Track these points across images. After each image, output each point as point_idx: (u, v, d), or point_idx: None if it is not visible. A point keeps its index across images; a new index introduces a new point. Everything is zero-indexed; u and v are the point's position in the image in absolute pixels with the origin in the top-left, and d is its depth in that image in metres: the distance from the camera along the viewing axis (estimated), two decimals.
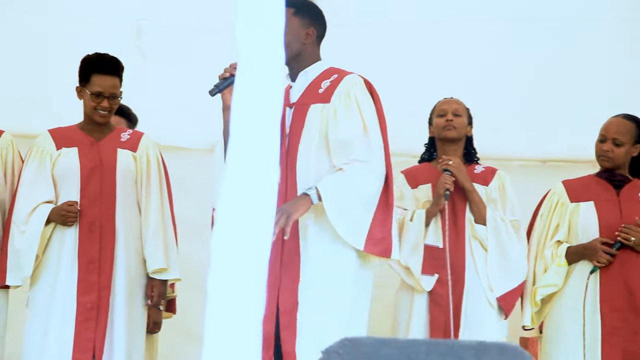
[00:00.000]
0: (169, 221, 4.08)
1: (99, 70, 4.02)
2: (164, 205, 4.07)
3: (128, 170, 4.05)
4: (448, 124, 4.19)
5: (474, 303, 4.05)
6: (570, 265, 4.12)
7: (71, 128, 4.12)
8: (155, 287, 4.02)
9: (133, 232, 4.04)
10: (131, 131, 4.21)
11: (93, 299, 3.93)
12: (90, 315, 3.92)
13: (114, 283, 3.98)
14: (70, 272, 3.95)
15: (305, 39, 3.57)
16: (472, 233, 4.10)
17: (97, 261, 3.96)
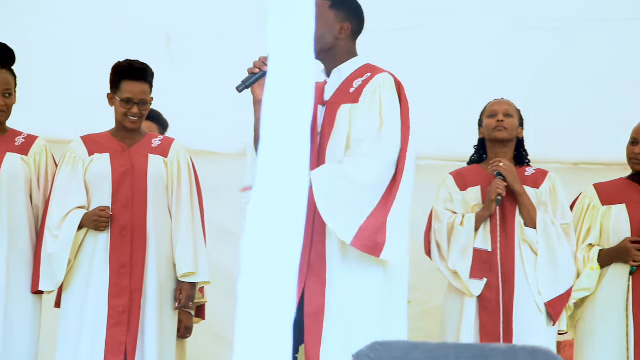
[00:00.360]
0: (199, 226, 4.09)
1: (129, 77, 4.06)
2: (194, 210, 4.09)
3: (159, 175, 4.08)
4: (499, 125, 4.13)
5: (523, 308, 4.00)
6: (603, 268, 4.09)
7: (103, 135, 4.16)
8: (183, 290, 4.04)
9: (164, 237, 4.06)
10: (162, 137, 4.23)
11: (125, 303, 3.95)
12: (121, 319, 3.95)
13: (145, 287, 4.00)
14: (102, 276, 3.98)
15: (339, 33, 3.45)
16: (522, 236, 4.04)
17: (129, 265, 3.98)
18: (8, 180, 4.04)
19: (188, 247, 4.04)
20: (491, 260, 4.01)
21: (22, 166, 4.07)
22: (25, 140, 4.12)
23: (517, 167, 4.17)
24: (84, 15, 4.88)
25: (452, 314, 4.07)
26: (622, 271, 4.05)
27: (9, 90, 4.04)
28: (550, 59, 4.84)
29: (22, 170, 4.07)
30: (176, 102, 4.93)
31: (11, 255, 4.01)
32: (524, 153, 4.23)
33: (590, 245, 4.14)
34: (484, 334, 3.98)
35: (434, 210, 4.14)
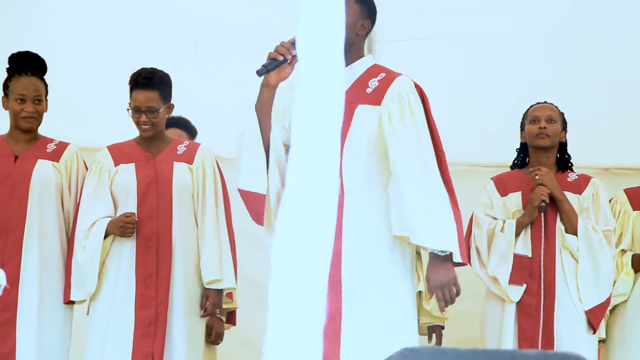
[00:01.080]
0: (224, 231, 4.08)
1: (137, 86, 4.09)
2: (220, 216, 4.08)
3: (184, 184, 4.07)
4: (541, 132, 4.08)
5: (564, 316, 3.96)
6: (636, 273, 4.06)
7: (129, 143, 4.17)
8: (210, 297, 4.04)
9: (190, 245, 4.06)
10: (188, 142, 4.23)
11: (151, 314, 3.96)
12: (148, 330, 3.95)
13: (171, 297, 3.99)
14: (128, 286, 3.99)
15: (359, 29, 3.38)
16: (563, 243, 4.01)
17: (155, 276, 3.98)
18: (39, 187, 4.06)
19: (213, 254, 4.03)
20: (531, 266, 3.98)
21: (54, 173, 4.09)
22: (56, 147, 4.15)
23: (559, 173, 4.13)
24: (112, 24, 4.91)
25: (491, 320, 4.04)
26: None
27: (39, 97, 4.07)
28: (582, 65, 4.80)
29: (53, 177, 4.08)
30: (204, 109, 4.95)
31: (42, 263, 4.03)
32: (566, 157, 4.18)
33: (623, 251, 4.11)
34: (523, 340, 3.94)
35: (474, 215, 4.11)
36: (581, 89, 4.91)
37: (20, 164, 4.09)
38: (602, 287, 3.99)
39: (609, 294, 4.02)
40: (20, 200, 4.04)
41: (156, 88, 4.09)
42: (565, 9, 4.79)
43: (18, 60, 4.11)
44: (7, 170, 4.07)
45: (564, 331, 3.95)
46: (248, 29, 4.91)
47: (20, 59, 4.11)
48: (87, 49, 4.96)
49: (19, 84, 4.06)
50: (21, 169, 4.08)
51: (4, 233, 4.03)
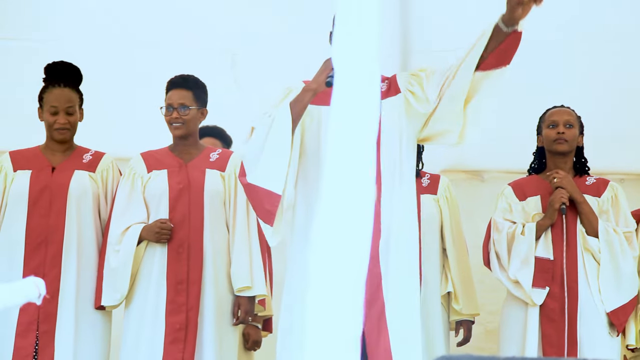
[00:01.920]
0: (256, 238, 4.05)
1: (171, 87, 4.16)
2: (251, 223, 4.07)
3: (216, 190, 4.09)
4: (559, 137, 4.07)
5: (587, 318, 3.93)
6: None
7: (162, 150, 4.21)
8: (241, 305, 4.03)
9: (221, 252, 4.06)
10: (220, 150, 4.22)
11: (181, 320, 3.97)
12: (178, 335, 3.96)
13: (202, 303, 4.00)
14: (159, 292, 4.01)
15: None
16: (584, 245, 3.99)
17: (186, 282, 3.99)
18: (77, 197, 4.10)
19: (243, 261, 4.03)
20: (553, 269, 3.96)
21: (90, 183, 4.13)
22: (92, 157, 4.19)
23: (577, 177, 4.12)
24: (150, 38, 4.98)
25: (513, 325, 4.01)
26: None
27: (71, 107, 4.10)
28: (611, 69, 4.78)
29: (90, 187, 4.13)
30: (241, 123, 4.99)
31: (80, 271, 4.07)
32: (583, 161, 4.17)
33: None
34: (548, 344, 3.91)
35: (493, 220, 4.11)
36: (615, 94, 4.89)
37: (57, 175, 4.14)
38: (624, 288, 3.97)
39: (633, 295, 3.98)
40: (58, 212, 4.08)
41: (190, 89, 4.14)
42: (576, 13, 4.78)
43: (52, 71, 4.16)
44: (45, 182, 4.12)
45: (586, 334, 3.91)
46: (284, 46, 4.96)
47: (54, 70, 4.16)
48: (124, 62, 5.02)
49: (52, 96, 4.11)
50: (59, 180, 4.13)
51: (44, 245, 4.06)
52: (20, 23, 4.99)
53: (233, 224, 4.08)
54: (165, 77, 4.31)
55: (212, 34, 4.96)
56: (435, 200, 4.34)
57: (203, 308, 4.01)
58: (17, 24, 5.00)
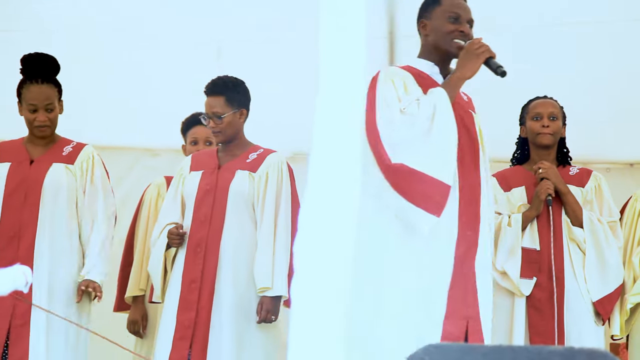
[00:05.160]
0: (283, 239, 4.02)
1: (205, 94, 4.15)
2: (279, 224, 4.03)
3: (241, 191, 4.06)
4: (544, 130, 4.08)
5: (573, 308, 3.95)
6: None
7: (210, 151, 4.26)
8: (264, 304, 3.99)
9: (245, 252, 4.04)
10: (262, 150, 4.17)
11: (190, 318, 3.97)
12: (186, 333, 3.97)
13: (219, 303, 3.99)
14: (175, 290, 4.04)
15: None
16: (570, 235, 4.00)
17: (199, 281, 3.99)
18: (51, 191, 4.07)
19: (265, 261, 4.00)
20: (540, 260, 3.97)
21: (66, 176, 4.11)
22: (73, 149, 4.16)
23: (560, 167, 4.13)
24: (137, 28, 4.96)
25: (501, 315, 4.02)
26: None
27: (50, 105, 4.08)
28: (601, 58, 4.77)
29: (65, 180, 4.10)
30: None
31: (52, 268, 4.05)
32: (565, 151, 4.18)
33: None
34: (535, 334, 3.93)
35: None
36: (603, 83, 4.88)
37: (34, 169, 4.12)
38: (609, 278, 3.98)
39: (618, 284, 4.00)
40: (32, 205, 4.06)
41: (221, 93, 4.13)
42: (562, 4, 4.76)
43: (29, 65, 4.11)
44: (22, 175, 4.09)
45: (573, 323, 3.94)
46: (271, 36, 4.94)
47: (30, 64, 4.11)
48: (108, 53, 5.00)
49: (30, 93, 4.07)
50: (34, 173, 4.11)
51: (17, 238, 4.04)
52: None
53: (260, 225, 4.06)
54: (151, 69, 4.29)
55: (198, 24, 4.93)
56: None
57: (221, 308, 4.00)
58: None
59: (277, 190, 4.09)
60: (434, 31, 3.38)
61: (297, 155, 4.98)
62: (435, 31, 3.37)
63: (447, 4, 3.38)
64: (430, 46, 3.39)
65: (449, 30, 3.34)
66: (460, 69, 3.27)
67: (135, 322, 4.64)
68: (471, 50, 3.25)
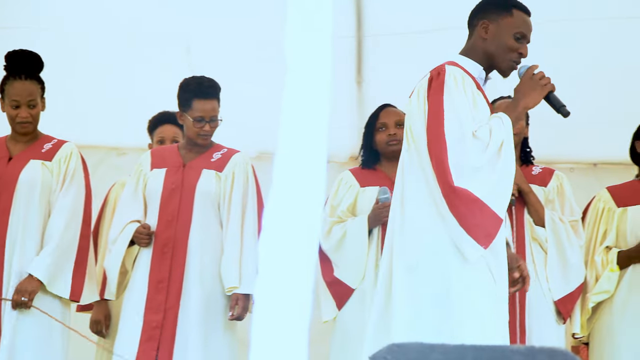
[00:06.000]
0: (251, 238, 4.02)
1: (199, 95, 4.09)
2: (247, 223, 4.03)
3: (208, 191, 4.06)
4: None
5: (535, 307, 3.98)
6: (621, 270, 4.09)
7: (172, 148, 4.22)
8: (239, 301, 3.98)
9: (212, 252, 4.03)
10: (226, 150, 4.18)
11: (158, 319, 3.96)
12: (154, 334, 3.96)
13: (186, 304, 3.98)
14: (141, 290, 4.02)
15: None
16: (532, 235, 4.04)
17: (167, 281, 3.99)
18: (26, 188, 4.06)
19: (232, 261, 4.00)
20: None
21: (42, 173, 4.09)
22: (52, 146, 4.15)
23: (523, 167, 4.16)
24: (106, 26, 4.93)
25: None
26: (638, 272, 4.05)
27: (33, 101, 4.08)
28: (567, 58, 4.81)
29: (40, 177, 4.09)
30: None
31: (22, 264, 4.02)
32: (528, 151, 4.21)
33: (608, 248, 4.14)
34: None
35: None
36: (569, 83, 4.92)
37: (11, 166, 4.11)
38: (571, 277, 4.03)
39: (579, 283, 4.05)
40: (6, 202, 4.05)
41: (215, 96, 4.13)
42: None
43: (12, 61, 4.11)
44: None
45: (535, 322, 3.97)
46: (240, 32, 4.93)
47: (14, 60, 4.11)
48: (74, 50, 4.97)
49: (13, 89, 4.07)
50: (11, 170, 4.09)
51: None
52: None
53: (226, 224, 4.05)
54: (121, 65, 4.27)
55: (167, 21, 4.92)
56: None
57: (187, 308, 3.99)
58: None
59: (243, 190, 4.10)
60: (496, 40, 3.17)
61: (262, 154, 4.98)
62: (496, 40, 3.17)
63: (519, 19, 3.17)
64: (484, 51, 3.19)
65: (512, 49, 3.15)
66: (525, 99, 3.13)
67: (98, 321, 4.62)
68: (536, 80, 3.13)
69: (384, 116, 4.23)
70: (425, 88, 3.09)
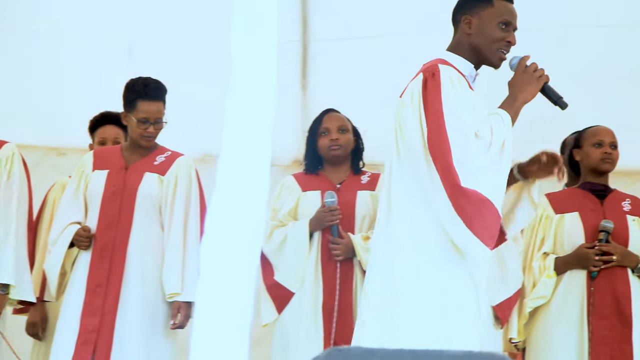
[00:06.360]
0: (193, 243, 3.99)
1: (144, 97, 4.04)
2: (189, 228, 4.01)
3: (150, 194, 4.02)
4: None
5: None
6: (558, 276, 4.15)
7: (114, 149, 4.18)
8: (181, 309, 3.96)
9: (153, 257, 3.99)
10: (170, 153, 4.14)
11: (95, 323, 3.91)
12: (89, 337, 3.91)
13: (125, 308, 3.94)
14: (79, 294, 3.97)
15: None
16: None
17: (105, 285, 3.94)
18: None
19: (173, 266, 3.97)
20: None
21: None
22: None
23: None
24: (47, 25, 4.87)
25: None
26: (579, 278, 4.11)
27: None
28: (568, 63, 4.80)
29: None
30: None
31: None
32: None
33: (545, 254, 4.20)
34: None
35: None
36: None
37: None
38: (508, 282, 4.07)
39: (517, 288, 4.09)
40: None
41: (161, 98, 4.08)
42: None
43: None
44: None
45: None
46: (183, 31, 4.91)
47: None
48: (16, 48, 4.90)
49: None
50: None
51: None
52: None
53: (168, 229, 4.01)
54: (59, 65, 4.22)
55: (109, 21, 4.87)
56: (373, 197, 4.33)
57: (126, 313, 3.94)
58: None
59: (186, 194, 4.07)
60: (480, 33, 3.09)
61: (206, 157, 4.96)
62: (481, 33, 3.09)
63: (501, 7, 3.10)
64: (471, 46, 3.11)
65: (498, 38, 3.07)
66: (521, 93, 3.04)
67: (34, 324, 4.55)
68: (530, 73, 3.05)
69: (327, 121, 4.24)
70: (420, 89, 3.02)
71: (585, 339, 4.03)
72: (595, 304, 4.04)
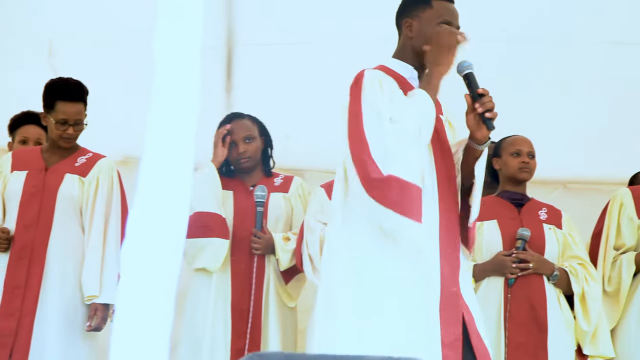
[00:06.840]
0: (113, 245, 3.96)
1: (64, 97, 3.99)
2: (110, 230, 3.99)
3: (70, 195, 3.99)
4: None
5: None
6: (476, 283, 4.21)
7: (34, 150, 4.11)
8: (98, 311, 3.94)
9: (73, 259, 3.95)
10: (91, 155, 4.11)
11: (11, 326, 3.86)
12: (6, 341, 3.86)
13: (43, 310, 3.89)
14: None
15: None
16: None
17: (23, 287, 3.89)
18: None
19: (92, 269, 3.94)
20: None
21: None
22: None
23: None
24: None
25: None
26: (496, 285, 4.17)
27: None
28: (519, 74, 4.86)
29: None
30: None
31: None
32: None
33: None
34: None
35: (305, 222, 4.14)
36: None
37: None
38: None
39: None
40: None
41: (81, 99, 4.03)
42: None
43: None
44: None
45: None
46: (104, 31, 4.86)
47: None
48: None
49: None
50: None
51: None
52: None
53: (89, 231, 3.98)
54: None
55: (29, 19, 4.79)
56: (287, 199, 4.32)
57: (45, 315, 3.89)
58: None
59: (107, 196, 4.04)
60: (421, 35, 3.07)
61: (128, 158, 4.91)
62: (422, 35, 3.07)
63: (440, 8, 3.08)
64: (413, 49, 3.10)
65: None
66: (436, 66, 3.02)
67: None
68: (441, 42, 3.02)
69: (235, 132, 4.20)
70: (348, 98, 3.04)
71: (502, 345, 4.10)
72: (512, 310, 4.11)
